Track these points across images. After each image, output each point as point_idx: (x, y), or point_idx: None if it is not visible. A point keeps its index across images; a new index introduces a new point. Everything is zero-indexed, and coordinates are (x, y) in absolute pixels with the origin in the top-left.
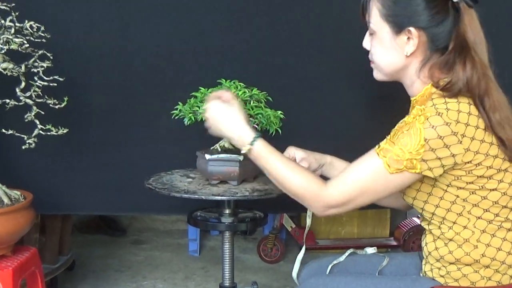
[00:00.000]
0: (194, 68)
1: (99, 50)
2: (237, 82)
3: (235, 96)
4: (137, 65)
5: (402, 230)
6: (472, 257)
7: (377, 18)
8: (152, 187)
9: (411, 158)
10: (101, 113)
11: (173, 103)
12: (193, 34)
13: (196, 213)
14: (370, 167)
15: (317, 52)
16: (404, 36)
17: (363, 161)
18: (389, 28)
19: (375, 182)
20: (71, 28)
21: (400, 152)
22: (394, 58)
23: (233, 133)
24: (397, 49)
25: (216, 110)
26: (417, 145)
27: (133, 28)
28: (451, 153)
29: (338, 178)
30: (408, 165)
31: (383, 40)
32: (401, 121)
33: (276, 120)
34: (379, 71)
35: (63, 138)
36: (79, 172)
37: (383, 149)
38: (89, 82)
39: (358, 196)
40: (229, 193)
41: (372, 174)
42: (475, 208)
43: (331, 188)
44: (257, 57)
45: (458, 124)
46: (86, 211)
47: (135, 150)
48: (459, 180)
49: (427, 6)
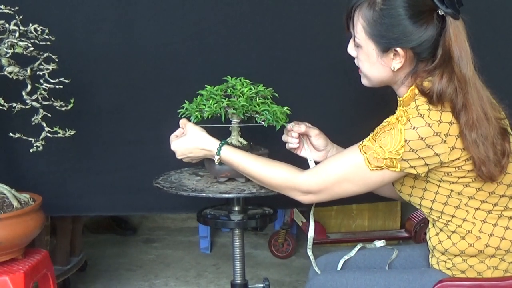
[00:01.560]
0: (199, 66)
1: (104, 50)
2: (243, 79)
3: (183, 122)
4: (142, 65)
5: (413, 221)
6: (476, 248)
7: (363, 35)
8: (160, 186)
9: (390, 157)
10: (108, 114)
11: (180, 102)
12: (197, 32)
13: (206, 211)
14: (351, 161)
15: (323, 47)
16: (391, 53)
17: (345, 154)
18: (375, 47)
19: (354, 175)
20: (75, 30)
21: (380, 151)
22: (381, 72)
23: (202, 152)
24: (383, 65)
25: (179, 147)
26: (397, 145)
27: (138, 28)
28: (435, 153)
29: (317, 166)
30: (388, 163)
31: (369, 55)
32: (385, 121)
33: (283, 116)
34: (366, 79)
35: (70, 139)
36: (88, 173)
37: (365, 145)
38: (95, 83)
39: (334, 185)
40: (237, 190)
41: (352, 167)
42: (472, 200)
43: (306, 175)
44: (262, 53)
45: (441, 124)
46: (96, 212)
47: (143, 149)
48: (450, 175)
49: (415, 26)
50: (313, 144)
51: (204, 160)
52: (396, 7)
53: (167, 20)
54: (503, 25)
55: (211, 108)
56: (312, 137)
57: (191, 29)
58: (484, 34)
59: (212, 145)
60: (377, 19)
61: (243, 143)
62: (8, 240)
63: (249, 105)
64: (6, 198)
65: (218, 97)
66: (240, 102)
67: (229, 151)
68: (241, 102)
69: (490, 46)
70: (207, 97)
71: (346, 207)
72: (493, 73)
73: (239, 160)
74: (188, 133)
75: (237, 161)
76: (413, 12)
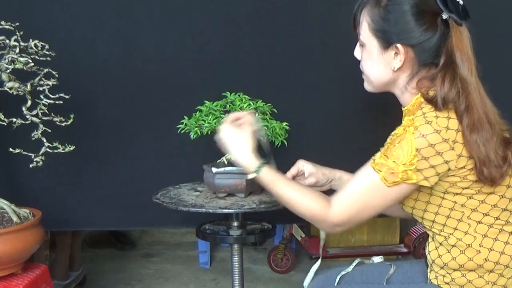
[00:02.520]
0: (199, 82)
1: (104, 65)
2: (242, 94)
3: (255, 119)
4: (141, 80)
5: (412, 236)
6: (476, 262)
7: (367, 32)
8: (160, 202)
9: (405, 169)
10: (107, 129)
11: (178, 116)
12: (197, 47)
13: (205, 226)
14: (368, 183)
15: (322, 62)
16: (392, 51)
17: (360, 177)
18: (377, 43)
19: (374, 197)
20: (75, 45)
21: (394, 165)
22: (382, 72)
23: (239, 159)
24: (384, 64)
25: (227, 134)
26: (409, 156)
27: (137, 43)
28: (444, 160)
29: (339, 197)
30: (404, 176)
31: (372, 53)
32: (392, 134)
33: (282, 132)
34: (368, 83)
35: (70, 154)
36: (87, 188)
37: (378, 163)
38: (94, 97)
39: (359, 213)
40: (236, 205)
41: (370, 189)
42: (475, 213)
43: (334, 208)
44: (261, 69)
45: (449, 130)
46: (95, 227)
47: (142, 164)
48: (455, 186)
49: (417, 23)
50: (310, 184)
51: (204, 175)
52: (401, 3)
53: (166, 35)
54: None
55: (211, 124)
56: (306, 175)
57: (190, 44)
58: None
59: (253, 162)
60: (381, 15)
61: None
62: (7, 255)
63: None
64: (6, 213)
65: (217, 112)
66: None
67: (268, 172)
68: None
69: (493, 57)
70: (206, 112)
71: None
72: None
73: (274, 183)
74: (245, 135)
75: (271, 182)
76: (417, 10)
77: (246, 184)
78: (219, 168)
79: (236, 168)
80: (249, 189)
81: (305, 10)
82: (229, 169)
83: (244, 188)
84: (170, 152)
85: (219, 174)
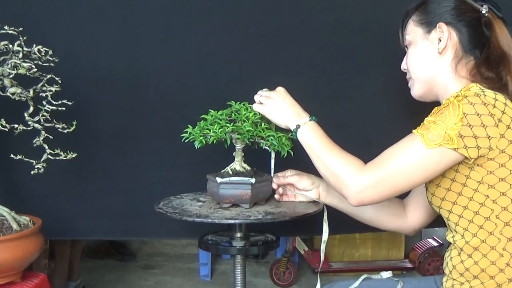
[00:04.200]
0: (203, 90)
1: (107, 73)
2: (247, 103)
3: None
4: (145, 88)
5: (418, 251)
6: (498, 266)
7: (411, 27)
8: (163, 211)
9: (448, 132)
10: (109, 137)
11: (181, 126)
12: (201, 55)
13: (207, 237)
14: (406, 143)
15: (330, 72)
16: (435, 34)
17: (400, 141)
18: (420, 29)
19: (411, 158)
20: (78, 52)
21: (438, 126)
22: (427, 60)
23: (289, 110)
24: (429, 48)
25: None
26: (456, 118)
27: (140, 51)
28: (487, 135)
29: (375, 158)
30: (446, 138)
31: (416, 43)
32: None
33: (288, 142)
34: (415, 82)
35: (71, 162)
36: (88, 197)
37: (421, 126)
38: (97, 106)
39: (392, 177)
40: (242, 216)
41: (408, 150)
42: (504, 212)
43: (367, 166)
44: (267, 77)
45: (495, 108)
46: (95, 236)
47: (144, 174)
48: (492, 174)
49: (456, 7)
50: (300, 188)
51: (207, 185)
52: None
53: (170, 43)
54: None
55: (216, 133)
56: (296, 183)
57: (194, 52)
58: None
59: (299, 114)
60: (424, 8)
61: (247, 169)
62: (6, 263)
63: (254, 130)
64: (6, 220)
65: (222, 121)
66: (245, 127)
67: (304, 133)
68: (246, 127)
69: None
70: (211, 121)
71: (349, 236)
72: None
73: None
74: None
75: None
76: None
77: (251, 195)
78: (224, 178)
79: (241, 178)
80: (254, 200)
81: (313, 18)
82: (234, 179)
83: (249, 198)
84: (172, 162)
85: (224, 184)
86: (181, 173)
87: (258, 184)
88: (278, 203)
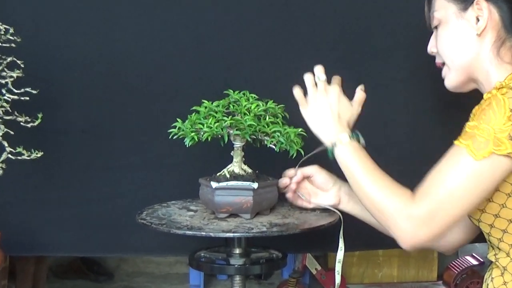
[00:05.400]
0: (194, 78)
1: (80, 56)
2: (248, 93)
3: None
4: (125, 74)
5: (453, 272)
6: None
7: (442, 2)
8: (147, 223)
9: (497, 135)
10: (82, 133)
11: (169, 120)
12: (192, 37)
13: (199, 254)
14: (451, 160)
15: (346, 55)
16: (472, 12)
17: (444, 158)
18: (454, 6)
19: (460, 177)
20: (46, 31)
21: (485, 130)
22: (464, 42)
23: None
24: (466, 29)
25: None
26: (503, 118)
27: (120, 30)
28: None
29: (422, 184)
30: (496, 143)
31: (449, 22)
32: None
33: (298, 139)
34: (450, 69)
35: (36, 163)
36: (56, 205)
37: (464, 134)
38: (68, 95)
39: (444, 202)
40: (243, 228)
41: (455, 167)
42: None
43: (416, 198)
44: (270, 63)
45: None
46: (64, 252)
47: (123, 177)
48: None
49: None
50: (318, 184)
51: (200, 191)
52: None
53: (156, 24)
54: None
55: (211, 128)
56: (313, 176)
57: (186, 33)
58: None
59: (340, 129)
60: None
61: (247, 171)
62: None
63: (257, 125)
64: None
65: (219, 114)
66: (246, 121)
67: (344, 151)
68: (247, 121)
69: None
70: (205, 114)
71: (370, 253)
72: None
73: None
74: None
75: (344, 167)
76: None
77: (253, 203)
78: (220, 182)
79: (241, 183)
80: (256, 209)
81: None
82: (233, 184)
83: (251, 207)
84: (158, 163)
85: (220, 190)
86: (168, 176)
87: (261, 190)
88: (285, 213)
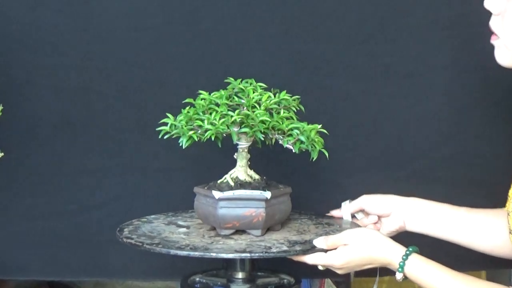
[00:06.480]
0: (189, 64)
1: (50, 37)
2: (254, 82)
3: None
4: (104, 60)
5: None
6: None
7: None
8: (137, 243)
9: None
10: (51, 130)
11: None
12: (189, 18)
13: (194, 278)
14: None
15: (373, 35)
16: None
17: None
18: None
19: None
20: (10, 8)
21: None
22: None
23: (379, 261)
24: None
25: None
26: None
27: (99, 6)
28: None
29: None
30: None
31: None
32: None
33: (320, 139)
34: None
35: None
36: (20, 218)
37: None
38: (33, 85)
39: None
40: (258, 248)
41: None
42: None
43: None
44: (278, 49)
45: None
46: (30, 275)
47: (100, 184)
48: None
49: None
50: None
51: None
52: None
53: None
54: None
55: (215, 125)
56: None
57: (180, 13)
58: None
59: (395, 252)
60: None
61: (255, 178)
62: None
63: (270, 121)
64: None
65: (222, 108)
66: (258, 116)
67: (419, 262)
68: (259, 116)
69: None
70: (204, 108)
71: None
72: None
73: (431, 278)
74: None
75: (427, 279)
76: None
77: (266, 216)
78: (224, 191)
79: (250, 192)
80: (268, 223)
81: None
82: (241, 193)
83: (262, 221)
84: (141, 168)
85: (225, 201)
86: (152, 184)
87: (274, 200)
88: (298, 227)
